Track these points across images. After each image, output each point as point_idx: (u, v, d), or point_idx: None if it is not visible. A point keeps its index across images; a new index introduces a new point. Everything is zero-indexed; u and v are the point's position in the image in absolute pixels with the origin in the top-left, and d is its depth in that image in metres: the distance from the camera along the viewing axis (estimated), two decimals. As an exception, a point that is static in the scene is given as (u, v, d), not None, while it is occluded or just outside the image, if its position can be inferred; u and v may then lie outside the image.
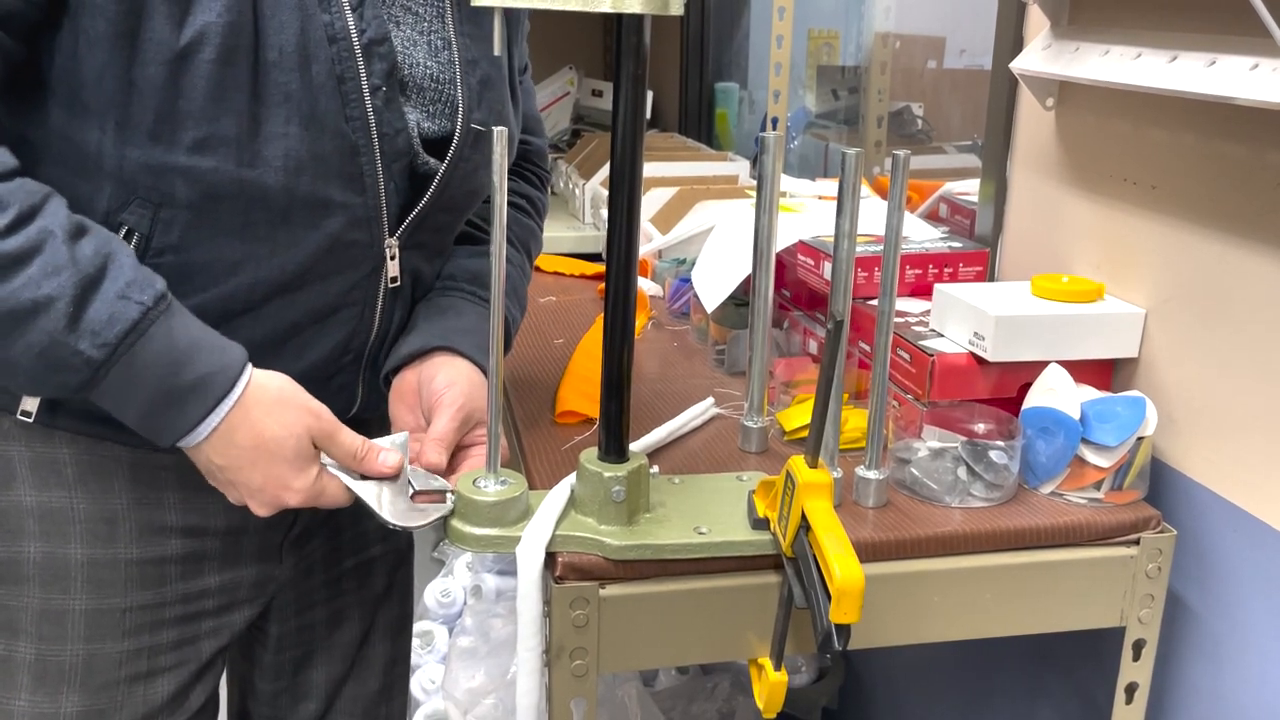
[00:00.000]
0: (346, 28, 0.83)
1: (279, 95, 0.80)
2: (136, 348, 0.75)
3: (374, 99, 0.85)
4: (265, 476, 0.80)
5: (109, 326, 0.74)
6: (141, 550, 0.90)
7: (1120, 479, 0.94)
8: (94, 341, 0.74)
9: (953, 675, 1.42)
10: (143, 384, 0.76)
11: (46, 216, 0.74)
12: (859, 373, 1.11)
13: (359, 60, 0.83)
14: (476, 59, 0.93)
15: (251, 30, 0.78)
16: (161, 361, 0.76)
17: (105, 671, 0.90)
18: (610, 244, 0.81)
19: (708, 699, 1.71)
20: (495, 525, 0.83)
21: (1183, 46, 0.91)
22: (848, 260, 0.89)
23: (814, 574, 0.75)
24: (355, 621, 1.10)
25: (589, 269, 1.75)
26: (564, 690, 0.84)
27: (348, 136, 0.84)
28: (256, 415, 0.79)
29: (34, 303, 0.72)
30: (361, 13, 0.84)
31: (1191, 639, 1.00)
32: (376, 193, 0.87)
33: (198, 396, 0.78)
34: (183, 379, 0.77)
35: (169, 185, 0.79)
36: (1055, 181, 1.16)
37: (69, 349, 0.73)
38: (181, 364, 0.77)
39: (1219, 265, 0.94)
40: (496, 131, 0.76)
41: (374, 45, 0.85)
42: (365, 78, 0.84)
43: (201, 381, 0.78)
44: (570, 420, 1.09)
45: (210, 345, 0.80)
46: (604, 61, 3.12)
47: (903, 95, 2.02)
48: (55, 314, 0.73)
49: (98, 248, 0.76)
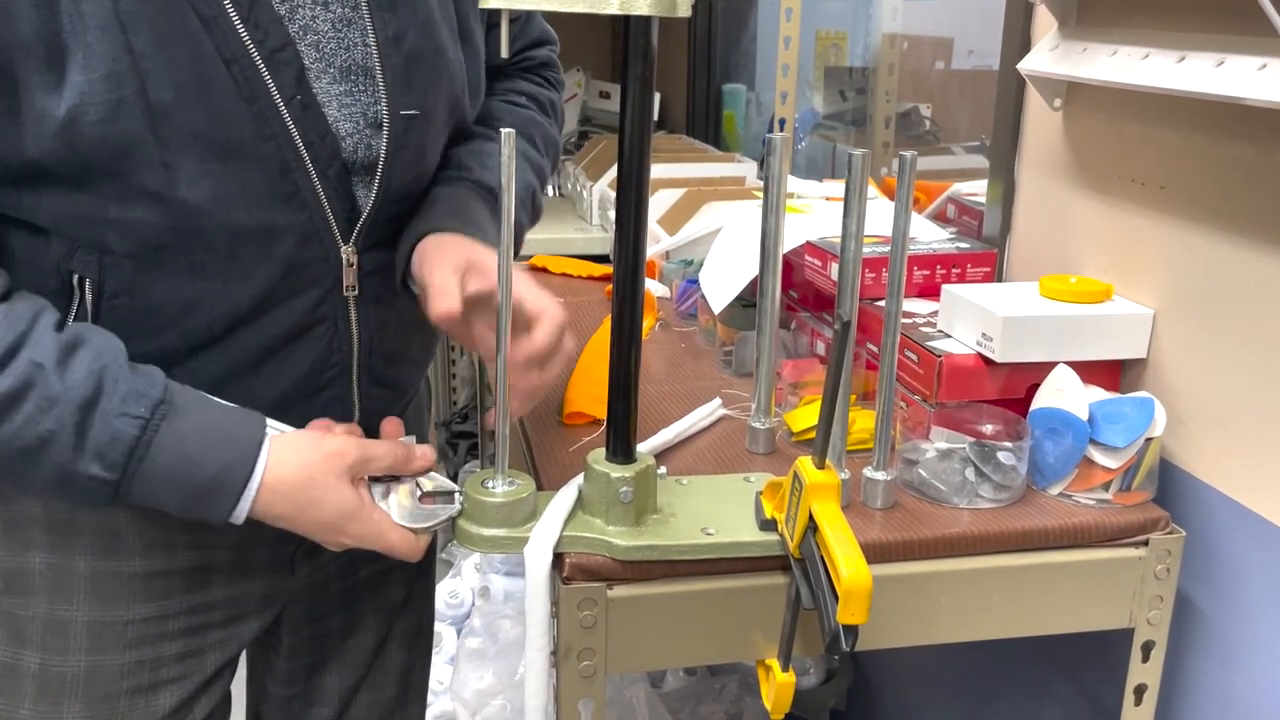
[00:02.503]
0: (242, 45, 0.77)
1: (185, 136, 0.75)
2: (147, 460, 0.75)
3: (290, 109, 0.79)
4: (320, 536, 0.81)
5: (113, 447, 0.74)
6: (146, 563, 0.90)
7: (1129, 480, 0.93)
8: (103, 465, 0.74)
9: (961, 676, 1.41)
10: (166, 489, 0.76)
11: (32, 347, 0.73)
12: (866, 374, 1.11)
13: (264, 75, 0.78)
14: (401, 32, 0.85)
15: (134, 77, 0.73)
16: (176, 467, 0.76)
17: (107, 683, 0.89)
18: (618, 245, 0.81)
19: (715, 700, 1.71)
20: (503, 526, 0.83)
21: (1191, 47, 0.91)
22: (855, 261, 0.89)
23: (821, 575, 0.75)
24: (371, 630, 1.09)
25: (596, 270, 1.75)
26: (572, 691, 0.84)
27: (272, 157, 0.79)
28: (285, 489, 0.79)
29: (39, 439, 0.72)
30: (255, 21, 0.78)
31: (1200, 640, 1.00)
32: (319, 205, 0.83)
33: (222, 491, 0.77)
34: (201, 479, 0.76)
35: (104, 237, 0.78)
36: (1063, 182, 1.15)
37: (83, 476, 0.74)
38: (196, 464, 0.76)
39: (1228, 266, 0.94)
40: (505, 133, 0.76)
41: (277, 54, 0.79)
42: (276, 90, 0.78)
43: (218, 479, 0.77)
44: (578, 421, 1.09)
45: (220, 435, 0.78)
46: (611, 63, 3.12)
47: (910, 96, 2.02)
48: (60, 446, 0.73)
49: (89, 367, 0.74)
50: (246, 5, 0.77)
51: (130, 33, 0.72)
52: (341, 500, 0.80)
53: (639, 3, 0.72)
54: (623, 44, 0.76)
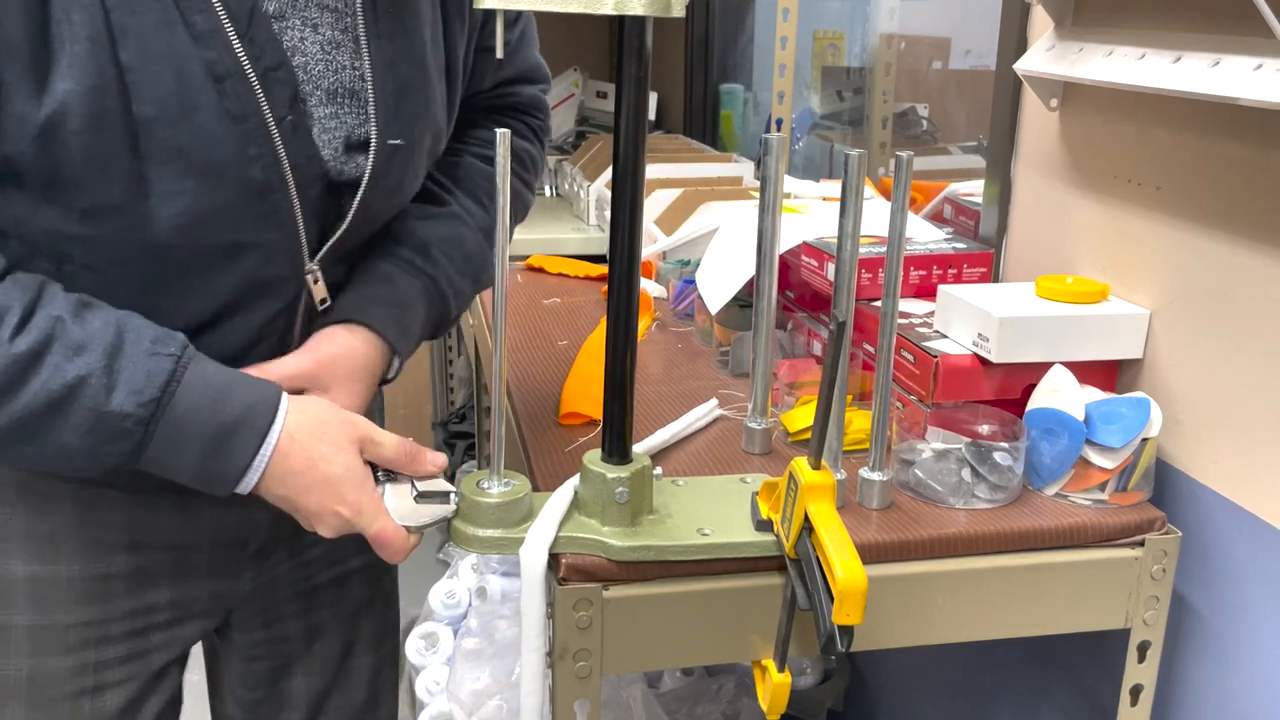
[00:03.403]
0: (237, 61, 0.76)
1: (164, 153, 0.74)
2: (178, 396, 0.75)
3: (280, 129, 0.78)
4: (321, 500, 0.80)
5: (149, 383, 0.74)
6: (84, 567, 0.89)
7: (1125, 480, 0.94)
8: (137, 401, 0.74)
9: (957, 677, 1.41)
10: (192, 430, 0.76)
11: (49, 305, 0.74)
12: (863, 374, 1.11)
13: (258, 93, 0.77)
14: (394, 60, 0.85)
15: (118, 90, 0.72)
16: (204, 404, 0.76)
17: (50, 687, 0.89)
18: (614, 245, 0.81)
19: (712, 701, 1.71)
20: (499, 527, 0.83)
21: (1187, 47, 0.91)
22: (851, 261, 0.89)
23: (817, 576, 0.75)
24: (335, 634, 1.08)
25: (593, 270, 1.75)
26: (568, 692, 0.84)
27: (254, 178, 0.78)
28: (302, 438, 0.79)
29: (67, 387, 0.72)
30: (252, 38, 0.77)
31: (1196, 641, 1.00)
32: (294, 226, 0.82)
33: (246, 429, 0.77)
34: (227, 415, 0.76)
35: (66, 248, 0.77)
36: (1059, 182, 1.15)
37: (116, 416, 0.74)
38: (222, 401, 0.77)
39: (1224, 266, 0.94)
40: (500, 133, 0.76)
41: (272, 72, 0.78)
42: (269, 110, 0.77)
43: (247, 413, 0.77)
44: (574, 422, 1.09)
45: (242, 380, 0.79)
46: (609, 63, 3.12)
47: (908, 96, 2.02)
48: (92, 389, 0.73)
49: (105, 319, 0.75)
50: (244, 22, 0.76)
51: (119, 46, 0.72)
52: (349, 462, 0.80)
53: (633, 3, 0.72)
54: (618, 44, 0.76)
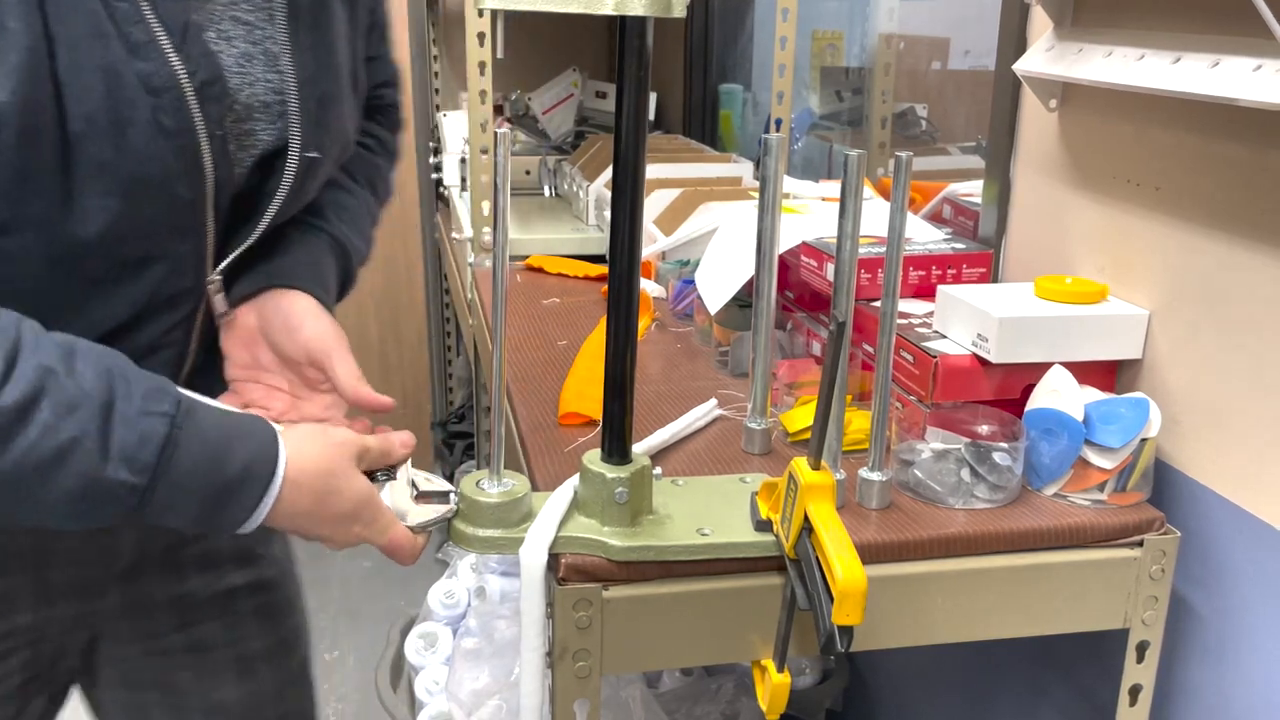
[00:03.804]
0: (173, 75, 0.74)
1: (92, 168, 0.72)
2: (175, 460, 0.71)
3: (212, 146, 0.78)
4: (334, 530, 0.79)
5: (142, 448, 0.70)
6: None
7: (1124, 481, 0.94)
8: (132, 469, 0.69)
9: (956, 677, 1.42)
10: (190, 492, 0.72)
11: (31, 349, 0.68)
12: (862, 374, 1.11)
13: (192, 108, 0.76)
14: (315, 74, 0.85)
15: (53, 104, 0.70)
16: (202, 466, 0.72)
17: None
18: (613, 246, 0.81)
19: (711, 701, 1.71)
20: (498, 527, 0.83)
21: (1186, 48, 0.91)
22: (850, 262, 0.89)
23: (816, 576, 0.75)
24: (223, 650, 1.04)
25: (592, 270, 1.75)
26: (567, 692, 0.84)
27: (181, 194, 0.77)
28: (307, 481, 0.77)
29: (58, 449, 0.67)
30: (187, 53, 0.75)
31: (1195, 641, 1.00)
32: (204, 238, 0.82)
33: (247, 487, 0.74)
34: (227, 474, 0.73)
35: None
36: (1059, 183, 1.15)
37: (111, 483, 0.69)
38: (221, 460, 0.73)
39: (1223, 266, 0.94)
40: (500, 133, 0.76)
41: (207, 87, 0.77)
42: (202, 126, 0.76)
43: (246, 471, 0.74)
44: (573, 422, 1.09)
45: (239, 430, 0.75)
46: (608, 63, 3.12)
47: (907, 96, 2.02)
48: (85, 453, 0.68)
49: (96, 369, 0.70)
50: (179, 35, 0.75)
51: (56, 58, 0.70)
52: (358, 488, 0.79)
53: (633, 3, 0.72)
54: (619, 44, 0.76)
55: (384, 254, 3.25)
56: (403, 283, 3.28)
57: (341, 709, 2.35)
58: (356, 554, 2.91)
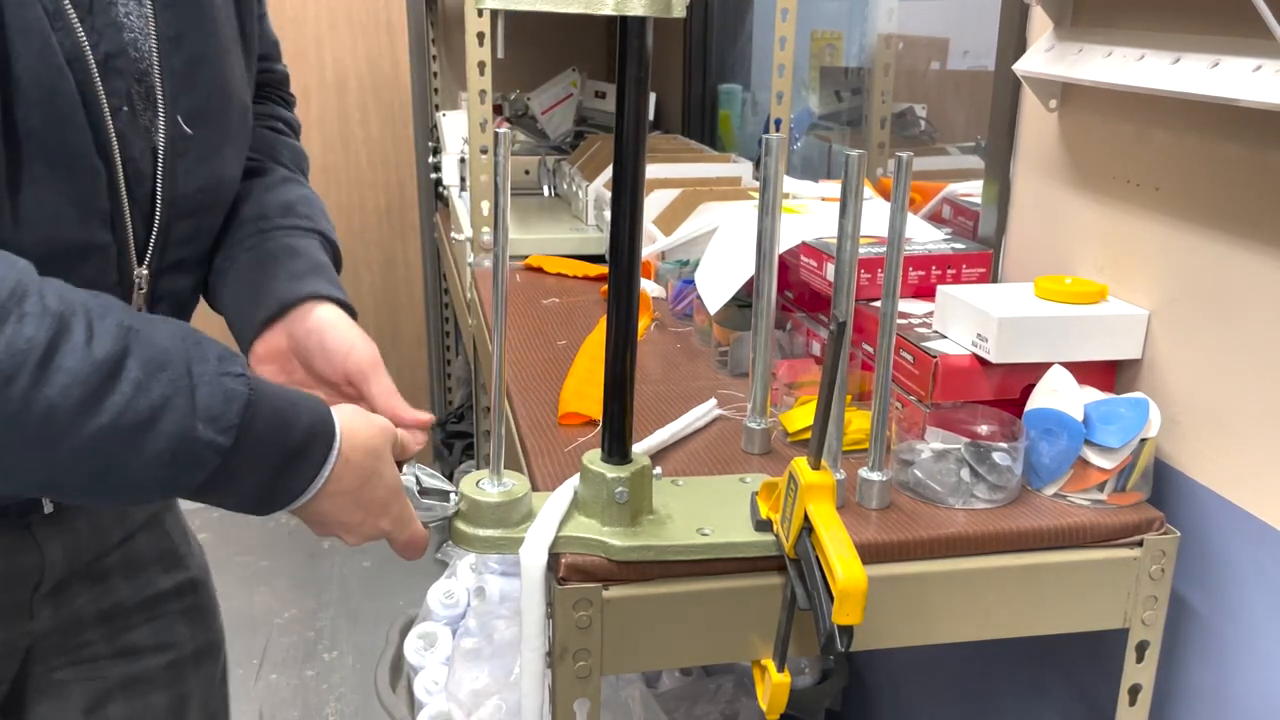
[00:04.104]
0: (78, 45, 0.71)
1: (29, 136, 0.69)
2: (253, 422, 0.69)
3: (116, 122, 0.74)
4: (365, 516, 0.78)
5: (227, 408, 0.68)
6: None
7: (1123, 480, 0.94)
8: (217, 428, 0.67)
9: (956, 677, 1.42)
10: (262, 457, 0.71)
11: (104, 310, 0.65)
12: (862, 374, 1.11)
13: (97, 81, 0.73)
14: (180, 34, 0.79)
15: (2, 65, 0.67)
16: (274, 429, 0.71)
17: None
18: (613, 245, 0.81)
19: (711, 701, 1.71)
20: (498, 526, 0.83)
21: (1186, 48, 0.91)
22: (850, 262, 0.89)
23: (817, 575, 0.75)
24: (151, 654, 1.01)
25: (592, 270, 1.75)
26: (567, 692, 0.84)
27: (101, 172, 0.74)
28: (356, 457, 0.76)
29: (152, 408, 0.65)
30: (91, 24, 0.72)
31: (1195, 641, 1.00)
32: (124, 227, 0.78)
33: (311, 453, 0.73)
34: (294, 439, 0.72)
35: None
36: (1058, 183, 1.16)
37: (199, 443, 0.67)
38: (289, 425, 0.72)
39: (1222, 266, 0.94)
40: (500, 133, 0.76)
41: (111, 59, 0.74)
42: (105, 99, 0.73)
43: (310, 436, 0.73)
44: (573, 422, 1.09)
45: (297, 397, 0.74)
46: (607, 63, 3.12)
47: (906, 97, 2.02)
48: (177, 412, 0.65)
49: (168, 326, 0.68)
50: (85, 6, 0.73)
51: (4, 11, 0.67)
52: (394, 477, 0.79)
53: (634, 3, 0.72)
54: (618, 44, 0.76)
55: (383, 254, 3.25)
56: (401, 282, 3.28)
57: (341, 709, 2.34)
58: (356, 554, 2.92)
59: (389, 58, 3.10)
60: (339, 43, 3.06)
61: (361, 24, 3.06)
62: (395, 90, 3.12)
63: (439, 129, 2.61)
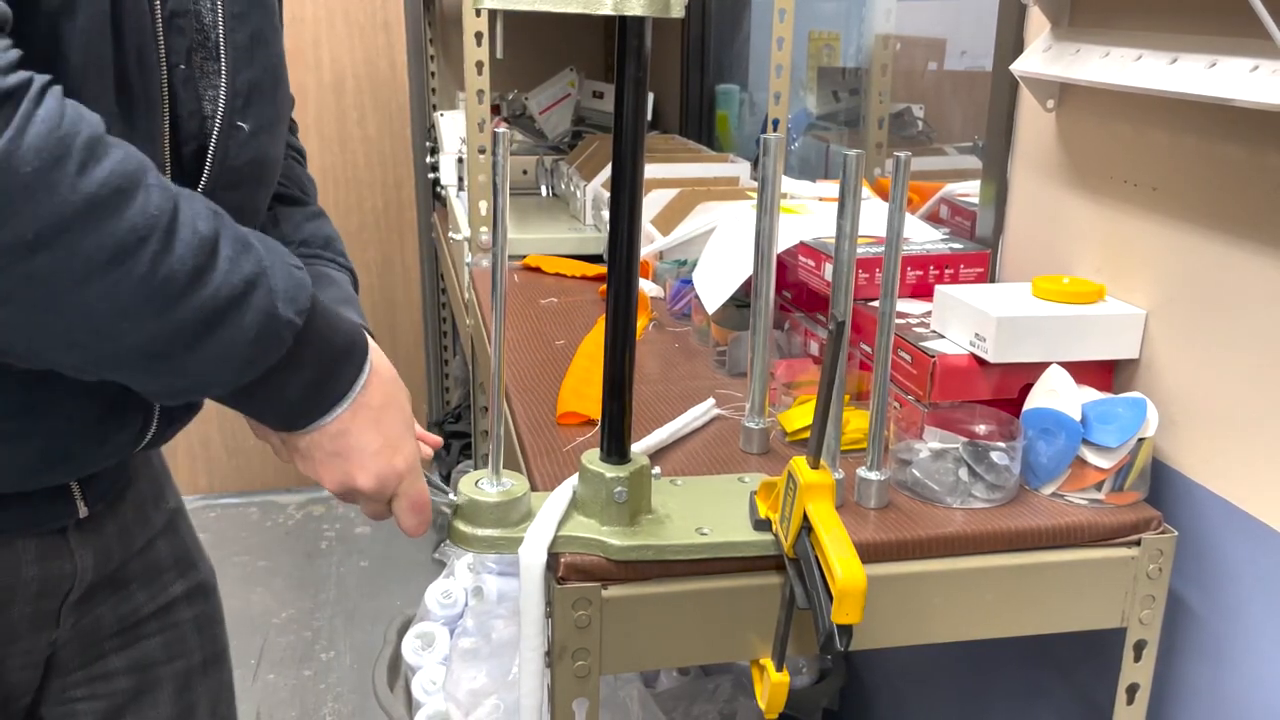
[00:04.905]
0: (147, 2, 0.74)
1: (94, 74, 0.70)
2: (316, 310, 0.74)
3: (172, 77, 0.76)
4: (385, 437, 0.78)
5: (299, 291, 0.72)
6: None
7: (1121, 480, 0.94)
8: (294, 309, 0.71)
9: (954, 676, 1.42)
10: (319, 348, 0.74)
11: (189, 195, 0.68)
12: (860, 374, 1.12)
13: (160, 35, 0.75)
14: (246, 11, 0.83)
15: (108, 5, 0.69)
16: (328, 324, 0.75)
17: None
18: (611, 245, 0.81)
19: (709, 700, 1.71)
20: (497, 526, 0.83)
21: (1183, 48, 0.91)
22: (849, 262, 0.89)
23: (816, 575, 0.75)
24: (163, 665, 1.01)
25: (590, 270, 1.75)
26: (566, 691, 0.84)
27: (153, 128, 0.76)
28: (381, 369, 0.79)
29: (246, 282, 0.69)
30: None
31: (1192, 640, 1.00)
32: None
33: (352, 355, 0.77)
34: (340, 339, 0.76)
35: None
36: (1056, 183, 1.16)
37: (280, 321, 0.70)
38: (336, 326, 0.76)
39: (1220, 266, 0.95)
40: (498, 133, 0.76)
41: (175, 18, 0.76)
42: (165, 55, 0.75)
43: (351, 341, 0.77)
44: (572, 421, 1.09)
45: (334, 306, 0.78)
46: (605, 63, 3.12)
47: (904, 97, 2.02)
48: (262, 289, 0.69)
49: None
50: None
51: None
52: (408, 414, 0.80)
53: (632, 3, 0.72)
54: (617, 44, 0.76)
55: (381, 254, 3.25)
56: (399, 282, 3.28)
57: (338, 709, 2.34)
58: (353, 553, 2.92)
59: (387, 57, 3.10)
60: (337, 42, 3.06)
61: (359, 23, 3.06)
62: (393, 90, 3.12)
63: (437, 129, 2.61)
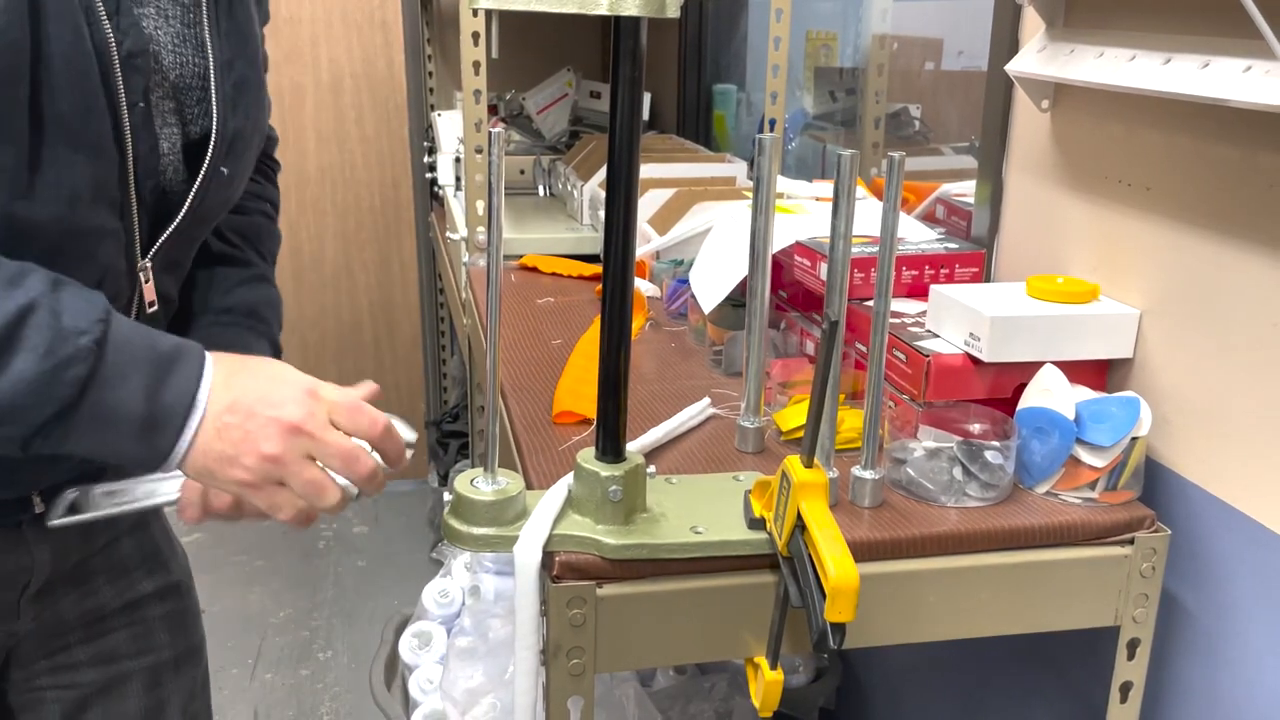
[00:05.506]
0: (106, 39, 0.77)
1: (55, 118, 0.74)
2: (115, 324, 0.72)
3: (131, 116, 0.80)
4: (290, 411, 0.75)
5: (91, 308, 0.71)
6: None
7: (1115, 479, 0.94)
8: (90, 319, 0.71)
9: (949, 675, 1.42)
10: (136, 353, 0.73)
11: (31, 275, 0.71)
12: (855, 373, 1.12)
13: (118, 75, 0.78)
14: (232, 59, 0.88)
15: (29, 46, 0.72)
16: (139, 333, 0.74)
17: None
18: (608, 245, 0.81)
19: (705, 699, 1.71)
20: (493, 525, 0.83)
21: (1177, 49, 0.92)
22: (844, 261, 0.89)
23: (809, 573, 0.75)
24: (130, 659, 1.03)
25: (586, 270, 1.75)
26: (561, 690, 0.85)
27: (115, 159, 0.79)
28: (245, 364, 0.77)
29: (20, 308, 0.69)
30: (118, 22, 0.78)
31: (1186, 638, 1.00)
32: (131, 215, 0.83)
33: (186, 354, 0.75)
34: (164, 344, 0.75)
35: None
36: (1051, 183, 1.16)
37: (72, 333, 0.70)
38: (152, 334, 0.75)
39: (1213, 266, 0.95)
40: (495, 133, 0.76)
41: (133, 58, 0.79)
42: (124, 94, 0.79)
43: (180, 344, 0.75)
44: (567, 420, 1.10)
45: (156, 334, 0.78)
46: (602, 63, 3.12)
47: (900, 97, 2.02)
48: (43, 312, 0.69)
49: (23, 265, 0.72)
50: (113, 5, 0.78)
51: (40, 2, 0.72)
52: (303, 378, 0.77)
53: (628, 4, 0.72)
54: (613, 44, 0.76)
55: (378, 253, 3.25)
56: (397, 282, 3.28)
57: (336, 708, 2.35)
58: (350, 553, 2.92)
59: (384, 57, 3.10)
60: (334, 42, 3.06)
61: (357, 23, 3.06)
62: (390, 90, 3.12)
63: (434, 128, 2.61)
